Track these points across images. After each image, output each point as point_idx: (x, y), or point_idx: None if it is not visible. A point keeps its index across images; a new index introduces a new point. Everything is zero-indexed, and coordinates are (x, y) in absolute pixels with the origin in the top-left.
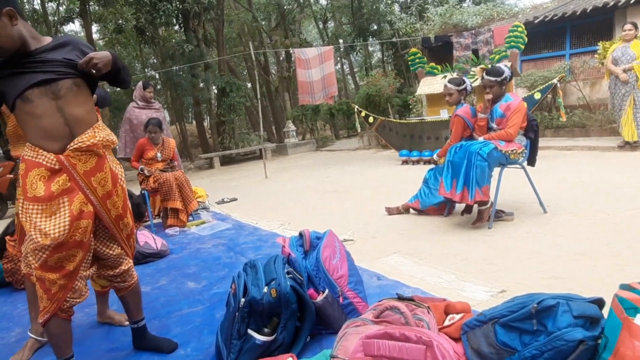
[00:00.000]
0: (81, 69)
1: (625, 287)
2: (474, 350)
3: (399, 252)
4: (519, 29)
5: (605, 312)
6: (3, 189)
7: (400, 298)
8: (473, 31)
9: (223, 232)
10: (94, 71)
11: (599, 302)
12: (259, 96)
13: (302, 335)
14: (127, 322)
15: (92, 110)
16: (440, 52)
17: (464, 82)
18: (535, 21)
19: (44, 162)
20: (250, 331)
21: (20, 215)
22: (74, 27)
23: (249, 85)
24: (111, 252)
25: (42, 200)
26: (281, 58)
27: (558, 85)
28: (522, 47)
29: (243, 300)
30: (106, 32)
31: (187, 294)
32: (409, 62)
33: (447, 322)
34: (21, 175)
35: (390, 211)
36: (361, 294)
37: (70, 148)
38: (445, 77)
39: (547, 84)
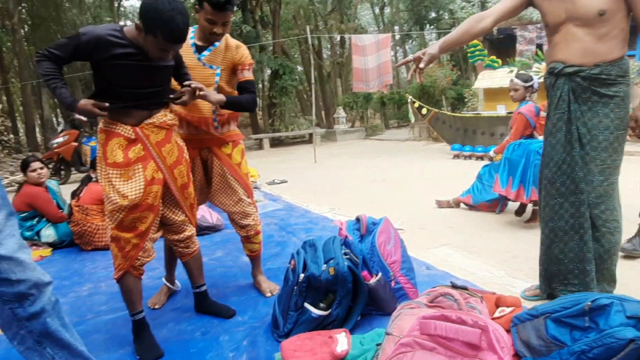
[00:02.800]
0: (186, 86)
1: None
2: (523, 342)
3: (449, 244)
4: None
5: None
6: (68, 155)
7: (454, 286)
8: (539, 25)
9: (274, 212)
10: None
11: None
12: (313, 80)
13: (354, 313)
14: (270, 294)
15: (167, 95)
16: (501, 45)
17: (532, 78)
18: None
19: (122, 133)
20: (306, 304)
21: (100, 180)
22: (134, 1)
23: (300, 68)
24: (176, 217)
25: (120, 166)
26: (335, 43)
27: None
28: None
29: (302, 275)
30: None
31: (242, 267)
32: (468, 54)
33: (497, 314)
34: (101, 144)
35: (441, 204)
36: (412, 281)
37: (145, 123)
38: (511, 71)
39: None
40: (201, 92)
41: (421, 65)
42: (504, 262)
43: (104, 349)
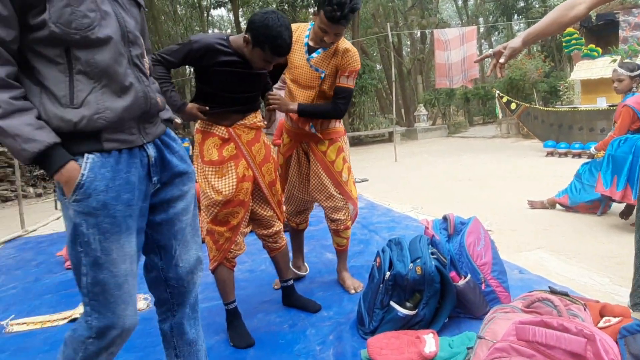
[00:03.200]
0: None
1: None
2: (633, 355)
3: (543, 247)
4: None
5: None
6: None
7: (553, 292)
8: None
9: None
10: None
11: None
12: (394, 78)
13: (442, 314)
14: (354, 291)
15: (259, 99)
16: (601, 32)
17: (638, 67)
18: None
19: (217, 133)
20: (392, 303)
21: (197, 177)
22: (221, 12)
23: (379, 67)
24: (265, 213)
25: (215, 164)
26: (415, 39)
27: None
28: None
29: (388, 273)
30: (250, 16)
31: (327, 264)
32: (563, 44)
33: (602, 324)
34: (198, 143)
35: (534, 205)
36: (504, 284)
37: (238, 123)
38: (614, 60)
39: None
40: (273, 106)
41: (501, 60)
42: (607, 268)
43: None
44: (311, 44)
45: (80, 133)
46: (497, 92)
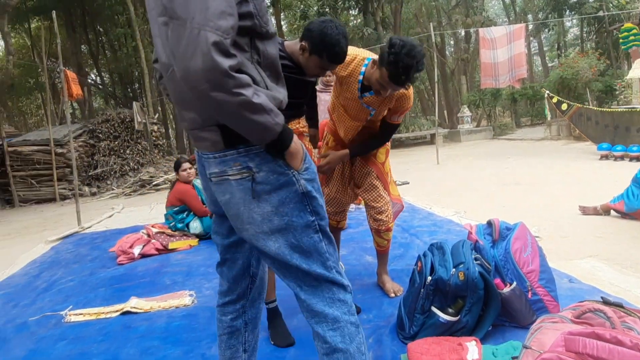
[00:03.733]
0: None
1: None
2: None
3: (596, 256)
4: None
5: None
6: None
7: (606, 302)
8: None
9: None
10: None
11: None
12: (437, 79)
13: (485, 322)
14: (394, 294)
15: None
16: None
17: None
18: None
19: None
20: (434, 308)
21: None
22: None
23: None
24: None
25: None
26: (459, 38)
27: None
28: None
29: (430, 278)
30: (291, 19)
31: (366, 266)
32: (620, 40)
33: None
34: None
35: (586, 211)
36: (552, 293)
37: None
38: None
39: None
40: (325, 168)
41: None
42: None
43: None
44: (366, 82)
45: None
46: (547, 92)
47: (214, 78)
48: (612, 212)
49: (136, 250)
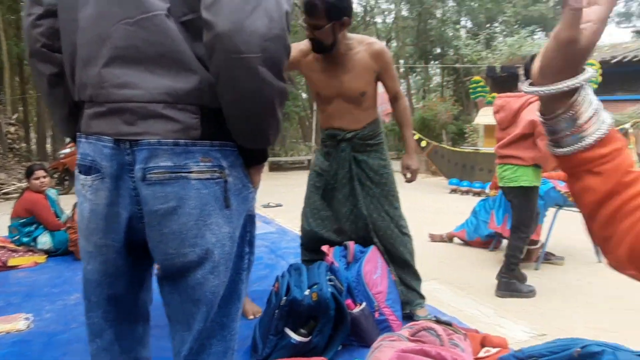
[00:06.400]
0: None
1: None
2: None
3: (438, 279)
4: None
5: None
6: (73, 166)
7: (438, 321)
8: None
9: (266, 235)
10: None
11: None
12: (314, 108)
13: (335, 342)
14: (252, 316)
15: None
16: (504, 83)
17: None
18: (613, 61)
19: None
20: (287, 329)
21: None
22: None
23: (305, 95)
24: None
25: None
26: None
27: (630, 131)
28: (595, 86)
29: (284, 299)
30: None
31: None
32: (470, 90)
33: (482, 354)
34: None
35: (434, 238)
36: (397, 313)
37: None
38: None
39: (619, 128)
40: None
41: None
42: (494, 300)
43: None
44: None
45: None
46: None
47: (274, 49)
48: (455, 239)
49: None
